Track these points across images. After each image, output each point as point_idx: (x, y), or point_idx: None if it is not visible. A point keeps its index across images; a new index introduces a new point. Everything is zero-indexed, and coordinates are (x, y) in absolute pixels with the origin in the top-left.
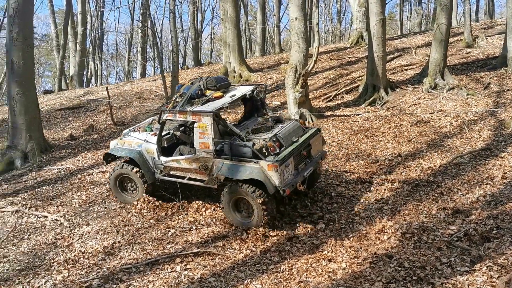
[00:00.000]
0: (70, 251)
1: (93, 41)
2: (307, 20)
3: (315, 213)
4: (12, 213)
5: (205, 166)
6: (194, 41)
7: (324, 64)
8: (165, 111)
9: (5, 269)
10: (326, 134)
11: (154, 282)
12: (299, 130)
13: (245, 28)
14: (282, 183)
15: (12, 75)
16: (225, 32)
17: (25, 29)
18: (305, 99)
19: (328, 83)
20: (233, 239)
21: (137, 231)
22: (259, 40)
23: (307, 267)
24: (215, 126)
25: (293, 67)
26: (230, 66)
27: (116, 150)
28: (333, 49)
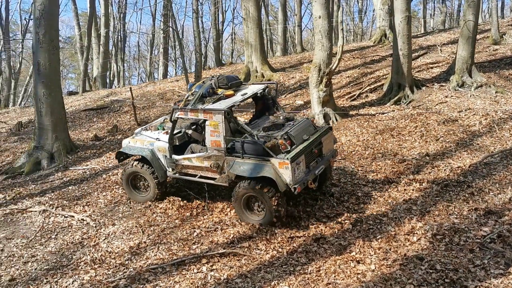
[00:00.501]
0: (97, 251)
1: (116, 43)
2: (330, 18)
3: (342, 214)
4: (40, 212)
5: (217, 164)
6: (216, 42)
7: (347, 63)
8: (176, 110)
9: (33, 268)
10: (351, 134)
11: (181, 282)
12: (310, 128)
13: (266, 28)
14: (293, 180)
15: (38, 77)
16: (247, 31)
17: (51, 31)
18: (329, 98)
19: (352, 82)
20: (259, 240)
21: (162, 231)
22: (281, 40)
23: (335, 269)
24: (226, 124)
25: (317, 66)
26: (252, 65)
27: (128, 149)
28: (356, 48)
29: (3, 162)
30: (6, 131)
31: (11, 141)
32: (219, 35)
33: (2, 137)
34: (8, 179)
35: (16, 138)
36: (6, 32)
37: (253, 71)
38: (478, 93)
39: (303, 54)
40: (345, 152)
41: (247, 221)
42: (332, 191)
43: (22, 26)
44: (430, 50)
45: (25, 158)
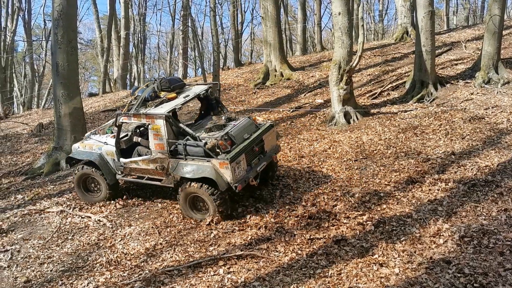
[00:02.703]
0: (113, 252)
1: (136, 45)
2: (350, 16)
3: (364, 214)
4: (57, 213)
5: (162, 166)
6: (235, 41)
7: (368, 61)
8: (120, 115)
9: (49, 270)
10: (372, 132)
11: (197, 285)
12: (252, 127)
13: (285, 28)
14: (234, 179)
15: (57, 78)
16: (265, 31)
17: (69, 32)
18: (350, 96)
19: (373, 80)
20: (277, 242)
21: (178, 232)
22: (300, 39)
23: (357, 272)
24: (168, 128)
25: (337, 64)
26: (271, 65)
27: (78, 153)
28: (377, 45)
29: (23, 163)
30: (27, 132)
31: (32, 142)
32: (238, 35)
33: (23, 138)
34: (27, 180)
35: (37, 139)
36: (29, 35)
37: (272, 70)
38: (505, 89)
39: (322, 53)
40: (366, 151)
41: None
42: (353, 191)
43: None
44: (454, 46)
45: (44, 159)
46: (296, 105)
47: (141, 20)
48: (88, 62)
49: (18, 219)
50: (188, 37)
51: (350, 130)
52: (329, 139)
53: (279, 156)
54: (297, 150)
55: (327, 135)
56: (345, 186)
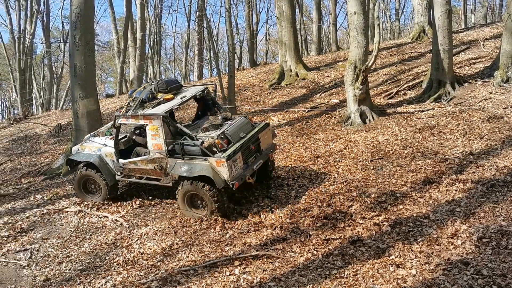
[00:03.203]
0: (130, 251)
1: (152, 46)
2: (366, 15)
3: (380, 215)
4: (75, 213)
5: (160, 166)
6: (250, 42)
7: (383, 61)
8: (118, 116)
9: (67, 268)
10: (388, 132)
11: (213, 285)
12: (248, 126)
13: (300, 28)
14: (230, 177)
15: (75, 79)
16: (280, 31)
17: (87, 34)
18: (365, 96)
19: (389, 80)
20: (293, 242)
21: (194, 232)
22: (315, 39)
23: (373, 273)
24: (165, 128)
25: (352, 63)
26: (286, 65)
27: (77, 156)
28: (393, 45)
29: (42, 163)
30: (46, 133)
31: (50, 143)
32: (253, 36)
33: (42, 139)
34: (46, 180)
35: (55, 140)
36: (47, 37)
37: (287, 70)
38: None
39: (338, 53)
40: (382, 152)
41: (193, 217)
42: (369, 192)
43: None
44: (471, 45)
45: (62, 159)
46: (311, 105)
47: (156, 21)
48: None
49: (38, 219)
50: (204, 38)
51: (366, 130)
52: (345, 139)
53: (294, 157)
54: (312, 150)
55: (342, 135)
56: (361, 186)
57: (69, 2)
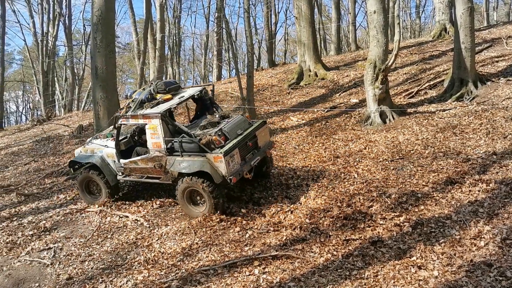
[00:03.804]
0: (150, 251)
1: (171, 47)
2: (386, 14)
3: (400, 215)
4: (97, 212)
5: (159, 164)
6: (268, 42)
7: (404, 60)
8: (119, 117)
9: (89, 267)
10: (409, 132)
11: (232, 285)
12: (245, 124)
13: (319, 27)
14: (228, 172)
15: (96, 81)
16: (299, 31)
17: (108, 36)
18: (385, 96)
19: (409, 79)
20: (312, 242)
21: (214, 232)
22: (334, 39)
23: (394, 274)
24: (164, 126)
25: (372, 63)
26: (305, 65)
27: (80, 157)
28: (414, 43)
29: (65, 163)
30: (68, 134)
31: (73, 144)
32: (272, 36)
33: (64, 140)
34: (69, 180)
35: (77, 141)
36: (69, 40)
37: (306, 70)
38: None
39: (357, 52)
40: (403, 152)
41: (193, 215)
42: (390, 192)
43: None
44: (494, 43)
45: None
46: (330, 105)
47: (176, 22)
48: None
49: (61, 218)
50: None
51: (386, 130)
52: (365, 139)
53: (313, 157)
54: (332, 151)
55: (362, 135)
56: (381, 186)
57: (91, 5)
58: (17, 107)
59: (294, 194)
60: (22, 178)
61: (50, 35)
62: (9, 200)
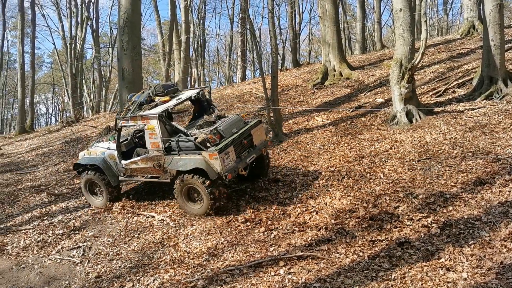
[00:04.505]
0: (176, 250)
1: (196, 48)
2: (412, 11)
3: (428, 216)
4: (123, 212)
5: (158, 163)
6: (293, 42)
7: (431, 58)
8: (119, 119)
9: (117, 266)
10: (437, 132)
11: (258, 285)
12: (240, 123)
13: (344, 27)
14: (223, 169)
15: (122, 82)
16: (323, 30)
17: (134, 38)
18: (412, 95)
19: (437, 78)
20: (338, 243)
21: (239, 232)
22: (359, 38)
23: (422, 276)
24: (162, 127)
25: (398, 62)
26: (330, 64)
27: (84, 160)
28: (441, 41)
29: None
30: (96, 135)
31: None
32: (296, 36)
33: (92, 141)
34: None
35: None
36: (96, 42)
37: (331, 70)
38: None
39: (383, 51)
40: (430, 151)
41: (191, 212)
42: (417, 193)
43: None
44: None
45: None
46: (356, 104)
47: (200, 24)
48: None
49: (89, 218)
50: (247, 39)
51: (412, 129)
52: (391, 139)
53: (338, 157)
54: (357, 151)
55: (388, 135)
56: (408, 187)
57: (117, 8)
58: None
59: (319, 195)
60: (52, 179)
61: (78, 38)
62: (40, 200)
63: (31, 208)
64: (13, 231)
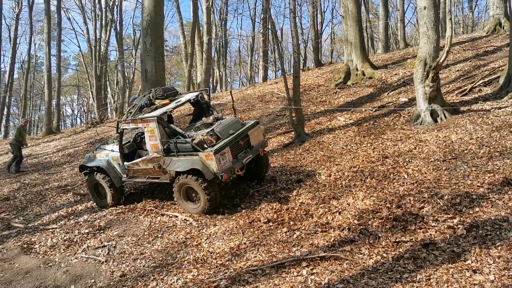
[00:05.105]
0: (199, 250)
1: (218, 49)
2: (437, 9)
3: (454, 217)
4: (147, 212)
5: (158, 164)
6: (315, 42)
7: (456, 56)
8: (120, 122)
9: (141, 265)
10: (462, 131)
11: (280, 285)
12: (237, 124)
13: (366, 26)
14: (219, 169)
15: (146, 83)
16: (346, 29)
17: (157, 40)
18: (436, 94)
19: (462, 76)
20: (361, 244)
21: (262, 232)
22: (382, 37)
23: (447, 278)
24: (161, 129)
25: (422, 60)
26: (352, 64)
27: (89, 162)
28: (466, 39)
29: None
30: None
31: None
32: (318, 36)
33: None
34: None
35: None
36: (120, 44)
37: (353, 69)
38: None
39: (406, 50)
40: (456, 151)
41: (190, 211)
42: (442, 193)
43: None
44: None
45: None
46: (378, 104)
47: (222, 25)
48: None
49: (114, 217)
50: (268, 39)
51: (437, 129)
52: (415, 138)
53: (361, 157)
54: (380, 151)
55: (412, 135)
56: (433, 187)
57: (141, 11)
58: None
59: (342, 195)
60: (77, 179)
61: (103, 40)
62: (66, 200)
63: (58, 208)
64: (40, 230)
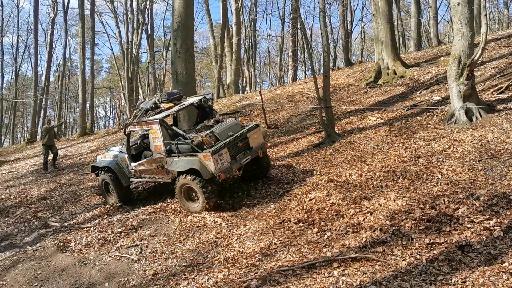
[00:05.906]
0: (230, 250)
1: (247, 50)
2: (471, 5)
3: (491, 219)
4: (176, 212)
5: (161, 165)
6: (344, 41)
7: (491, 53)
8: (127, 124)
9: (173, 264)
10: (499, 130)
11: (311, 286)
12: (237, 126)
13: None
14: (217, 169)
15: (176, 85)
16: (376, 28)
17: (187, 41)
18: (471, 92)
19: (498, 73)
20: (394, 245)
21: (292, 233)
22: (414, 34)
23: (483, 281)
24: (163, 131)
25: (456, 58)
26: (383, 63)
27: (99, 163)
28: (502, 36)
29: None
30: None
31: None
32: (347, 35)
33: None
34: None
35: None
36: (151, 47)
37: (384, 68)
38: None
39: (439, 48)
40: (492, 151)
41: (190, 210)
42: (478, 194)
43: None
44: None
45: None
46: (411, 103)
47: (251, 25)
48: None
49: (146, 217)
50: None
51: (472, 128)
52: (449, 138)
53: (393, 157)
54: (413, 150)
55: (446, 134)
56: (468, 188)
57: (171, 13)
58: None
59: (373, 195)
60: None
61: (134, 43)
62: (100, 199)
63: (92, 207)
64: (75, 229)
